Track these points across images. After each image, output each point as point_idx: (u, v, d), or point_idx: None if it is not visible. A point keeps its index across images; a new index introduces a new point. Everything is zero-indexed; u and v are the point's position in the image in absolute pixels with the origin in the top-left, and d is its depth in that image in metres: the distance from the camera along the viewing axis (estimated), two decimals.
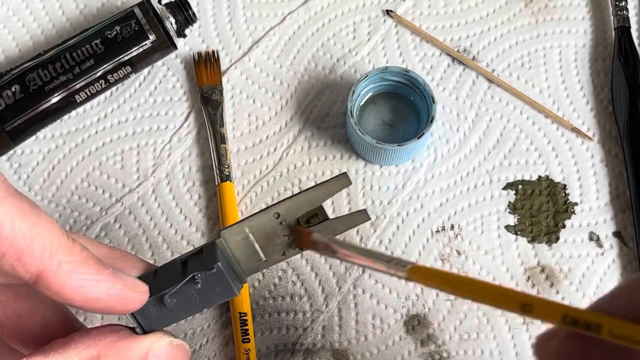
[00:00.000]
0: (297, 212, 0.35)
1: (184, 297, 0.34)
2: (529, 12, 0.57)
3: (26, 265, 0.30)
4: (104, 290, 0.31)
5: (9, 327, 0.35)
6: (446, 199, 0.52)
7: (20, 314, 0.35)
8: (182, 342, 0.35)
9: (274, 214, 0.35)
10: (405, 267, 0.30)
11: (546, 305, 0.26)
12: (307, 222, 0.36)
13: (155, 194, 0.52)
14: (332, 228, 0.36)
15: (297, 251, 0.36)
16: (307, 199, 0.35)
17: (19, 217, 0.29)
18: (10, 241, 0.29)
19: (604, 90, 0.55)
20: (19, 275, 0.30)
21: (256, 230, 0.35)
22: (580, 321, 0.26)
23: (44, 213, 0.30)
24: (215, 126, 0.53)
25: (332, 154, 0.53)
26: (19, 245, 0.29)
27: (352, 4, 0.57)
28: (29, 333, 0.35)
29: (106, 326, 0.33)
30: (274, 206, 0.35)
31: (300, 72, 0.55)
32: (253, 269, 0.36)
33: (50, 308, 0.36)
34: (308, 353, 0.49)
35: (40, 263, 0.30)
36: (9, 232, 0.29)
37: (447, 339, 0.49)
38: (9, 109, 0.51)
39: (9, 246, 0.29)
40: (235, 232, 0.35)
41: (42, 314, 0.35)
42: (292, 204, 0.35)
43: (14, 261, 0.29)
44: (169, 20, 0.53)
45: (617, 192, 0.52)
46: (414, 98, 0.53)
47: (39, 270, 0.30)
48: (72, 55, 0.51)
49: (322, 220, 0.35)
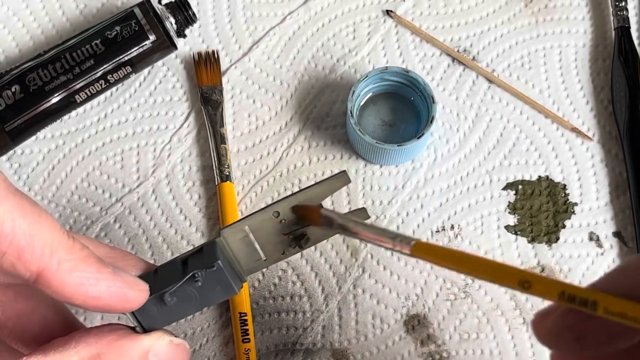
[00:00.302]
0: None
1: (185, 296, 0.34)
2: (529, 12, 0.57)
3: (26, 263, 0.30)
4: (104, 288, 0.31)
5: (9, 327, 0.35)
6: (446, 199, 0.52)
7: (21, 314, 0.35)
8: (182, 341, 0.35)
9: (273, 212, 0.35)
10: (409, 244, 0.31)
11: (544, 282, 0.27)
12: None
13: (155, 194, 0.52)
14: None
15: (296, 250, 0.36)
16: (307, 198, 0.35)
17: (20, 215, 0.29)
18: (11, 239, 0.29)
19: (604, 90, 0.55)
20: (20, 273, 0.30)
21: (256, 229, 0.35)
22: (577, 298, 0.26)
23: (45, 211, 0.30)
24: (215, 126, 0.53)
25: (332, 154, 0.53)
26: (20, 243, 0.29)
27: (352, 4, 0.57)
28: (29, 333, 0.35)
29: (106, 325, 0.33)
30: (274, 205, 0.35)
31: (300, 72, 0.55)
32: (253, 268, 0.36)
33: (51, 308, 0.36)
34: (308, 353, 0.49)
35: (41, 261, 0.30)
36: (9, 230, 0.29)
37: (447, 339, 0.49)
38: (9, 109, 0.51)
39: (10, 244, 0.29)
40: (235, 231, 0.35)
41: (42, 314, 0.35)
42: (292, 202, 0.35)
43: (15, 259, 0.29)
44: (169, 20, 0.53)
45: (617, 192, 0.52)
46: (414, 98, 0.53)
47: (40, 269, 0.30)
48: (72, 55, 0.52)
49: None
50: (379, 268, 0.50)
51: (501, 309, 0.50)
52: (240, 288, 0.35)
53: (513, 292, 0.50)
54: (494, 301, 0.50)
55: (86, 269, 0.31)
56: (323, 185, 0.35)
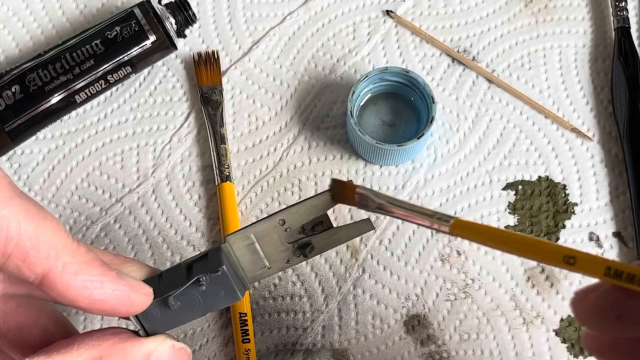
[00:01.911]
0: (302, 219, 0.35)
1: (188, 300, 0.34)
2: (529, 12, 0.57)
3: (31, 265, 0.30)
4: (108, 291, 0.31)
5: (10, 338, 0.35)
6: (446, 199, 0.52)
7: (22, 325, 0.35)
8: (184, 345, 0.35)
9: (279, 220, 0.35)
10: (448, 222, 0.30)
11: (590, 258, 0.27)
12: (312, 230, 0.36)
13: (155, 194, 0.52)
14: (336, 236, 0.36)
15: (301, 259, 0.36)
16: (313, 207, 0.35)
17: (25, 217, 0.29)
18: (16, 242, 0.29)
19: (604, 90, 0.55)
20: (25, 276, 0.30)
21: (261, 237, 0.35)
22: (625, 273, 0.26)
23: (50, 214, 0.30)
24: (215, 126, 0.53)
25: (332, 154, 0.53)
26: (25, 245, 0.29)
27: (352, 4, 0.57)
28: (29, 344, 0.35)
29: (109, 328, 0.33)
30: (280, 213, 0.35)
31: (300, 73, 0.55)
32: (257, 275, 0.36)
33: (51, 320, 0.36)
34: (308, 353, 0.49)
35: (46, 264, 0.30)
36: (14, 232, 0.29)
37: (447, 339, 0.49)
38: (9, 109, 0.51)
39: (15, 247, 0.29)
40: (240, 237, 0.35)
41: (43, 326, 0.35)
42: (298, 210, 0.35)
43: (20, 262, 0.29)
44: (169, 20, 0.53)
45: (617, 192, 0.52)
46: (414, 98, 0.53)
47: (45, 271, 0.30)
48: (72, 55, 0.51)
49: (326, 229, 0.36)
50: (379, 268, 0.50)
51: (501, 309, 0.50)
52: (243, 294, 0.35)
53: (513, 292, 0.50)
54: (494, 301, 0.50)
55: (91, 271, 0.31)
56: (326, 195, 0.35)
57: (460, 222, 0.30)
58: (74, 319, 0.49)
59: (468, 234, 0.30)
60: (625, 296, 0.28)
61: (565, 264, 0.27)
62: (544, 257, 0.28)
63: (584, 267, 0.27)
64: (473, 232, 0.30)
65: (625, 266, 0.26)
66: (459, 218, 0.30)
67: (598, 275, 0.27)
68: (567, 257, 0.27)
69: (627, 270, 0.26)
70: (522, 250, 0.28)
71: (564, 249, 0.27)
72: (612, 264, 0.26)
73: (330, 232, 0.35)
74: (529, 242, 0.28)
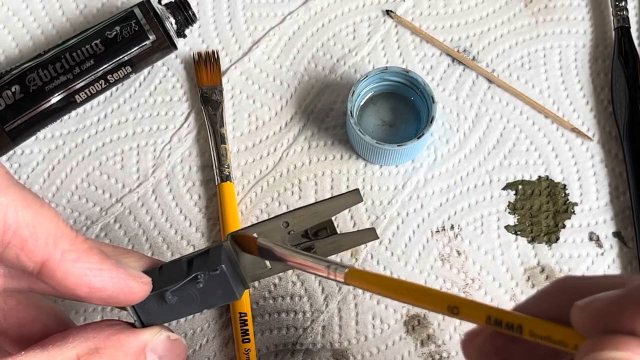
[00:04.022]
0: (306, 224, 0.35)
1: (186, 296, 0.34)
2: (529, 12, 0.57)
3: (30, 254, 0.30)
4: (107, 279, 0.31)
5: (10, 335, 0.35)
6: (446, 199, 0.52)
7: (22, 322, 0.35)
8: (179, 337, 0.35)
9: (283, 222, 0.35)
10: (343, 272, 0.31)
11: (472, 307, 0.28)
12: (315, 235, 0.36)
13: (155, 194, 0.52)
14: (339, 243, 0.36)
15: None
16: (318, 212, 0.35)
17: (22, 206, 0.29)
18: (14, 230, 0.29)
19: (604, 90, 0.55)
20: (24, 264, 0.30)
21: (264, 237, 0.35)
22: (503, 322, 0.27)
23: (47, 203, 0.31)
24: (215, 126, 0.53)
25: (332, 154, 0.53)
26: (23, 233, 0.29)
27: (352, 4, 0.57)
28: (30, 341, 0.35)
29: (104, 321, 0.33)
30: (284, 215, 0.35)
31: (300, 72, 0.55)
32: (257, 275, 0.36)
33: (52, 317, 0.36)
34: (308, 353, 0.49)
35: (44, 252, 0.30)
36: (12, 220, 0.29)
37: (447, 339, 0.49)
38: (9, 109, 0.51)
39: (13, 235, 0.29)
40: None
41: (43, 322, 0.35)
42: (302, 214, 0.35)
43: (18, 250, 0.29)
44: (169, 20, 0.53)
45: (617, 192, 0.52)
46: (414, 98, 0.53)
47: (43, 259, 0.30)
48: (72, 55, 0.52)
49: (330, 234, 0.36)
50: (379, 268, 0.50)
51: None
52: (241, 294, 0.35)
53: (513, 292, 0.50)
54: (493, 301, 0.50)
55: (89, 259, 0.31)
56: (334, 201, 0.35)
57: (354, 272, 0.31)
58: (74, 319, 0.49)
59: (362, 283, 0.31)
60: (509, 340, 0.29)
61: (449, 312, 0.28)
62: (430, 306, 0.29)
63: (467, 315, 0.28)
64: (366, 282, 0.31)
65: (504, 314, 0.27)
66: (354, 267, 0.31)
67: (480, 323, 0.28)
68: (451, 306, 0.28)
69: (506, 319, 0.27)
70: (411, 298, 0.29)
71: (448, 299, 0.28)
72: (492, 311, 0.27)
73: (334, 238, 0.36)
74: (417, 291, 0.29)
